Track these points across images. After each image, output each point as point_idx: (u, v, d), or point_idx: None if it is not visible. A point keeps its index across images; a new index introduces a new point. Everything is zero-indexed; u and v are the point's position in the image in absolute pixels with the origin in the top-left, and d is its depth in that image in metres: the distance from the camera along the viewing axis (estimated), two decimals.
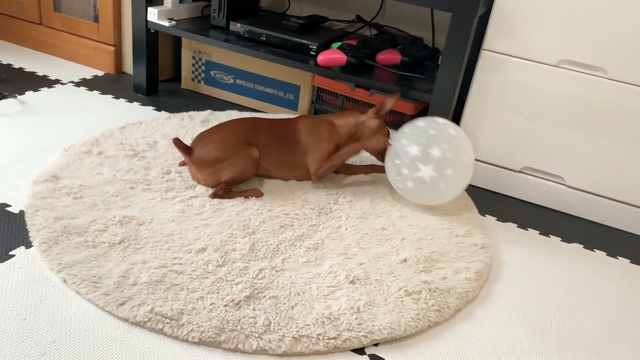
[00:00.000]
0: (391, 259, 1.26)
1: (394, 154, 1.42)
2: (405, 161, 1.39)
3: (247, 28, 1.85)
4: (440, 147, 1.36)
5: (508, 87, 1.58)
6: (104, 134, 1.63)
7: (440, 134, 1.39)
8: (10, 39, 2.35)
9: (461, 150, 1.39)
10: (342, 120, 1.52)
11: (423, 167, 1.36)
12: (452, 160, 1.37)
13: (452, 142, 1.38)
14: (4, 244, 1.16)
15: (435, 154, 1.36)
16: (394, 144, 1.43)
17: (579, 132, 1.55)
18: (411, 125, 1.44)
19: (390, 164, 1.44)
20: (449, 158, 1.36)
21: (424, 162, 1.37)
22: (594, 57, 1.47)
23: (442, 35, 1.99)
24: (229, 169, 1.39)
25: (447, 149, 1.37)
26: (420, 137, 1.39)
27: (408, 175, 1.39)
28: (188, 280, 1.09)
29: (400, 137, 1.43)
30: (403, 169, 1.40)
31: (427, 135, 1.39)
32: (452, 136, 1.39)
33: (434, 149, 1.36)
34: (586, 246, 1.50)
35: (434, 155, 1.36)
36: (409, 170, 1.39)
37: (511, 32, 1.52)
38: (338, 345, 1.01)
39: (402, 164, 1.40)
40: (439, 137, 1.38)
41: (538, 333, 1.14)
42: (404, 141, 1.41)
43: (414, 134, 1.41)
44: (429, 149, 1.36)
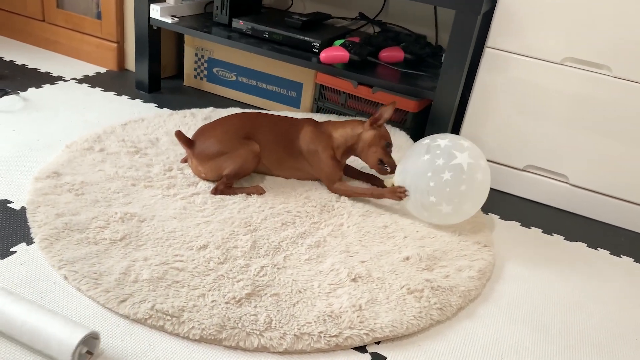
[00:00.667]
0: (393, 256, 1.25)
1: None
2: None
3: (250, 25, 1.85)
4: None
5: (512, 85, 1.57)
6: (106, 130, 1.63)
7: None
8: (13, 36, 2.35)
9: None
10: (339, 132, 1.47)
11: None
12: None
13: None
14: (5, 241, 1.15)
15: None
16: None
17: (583, 131, 1.54)
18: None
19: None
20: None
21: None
22: (598, 55, 1.46)
23: (445, 33, 1.98)
24: (230, 162, 1.39)
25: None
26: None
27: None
28: (189, 277, 1.09)
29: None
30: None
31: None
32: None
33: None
34: (590, 245, 1.50)
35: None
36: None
37: (515, 30, 1.52)
38: (340, 343, 1.00)
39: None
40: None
41: (541, 332, 1.13)
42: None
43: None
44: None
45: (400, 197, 1.38)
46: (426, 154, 1.33)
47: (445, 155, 1.31)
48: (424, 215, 1.38)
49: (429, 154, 1.33)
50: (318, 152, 1.46)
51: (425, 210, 1.35)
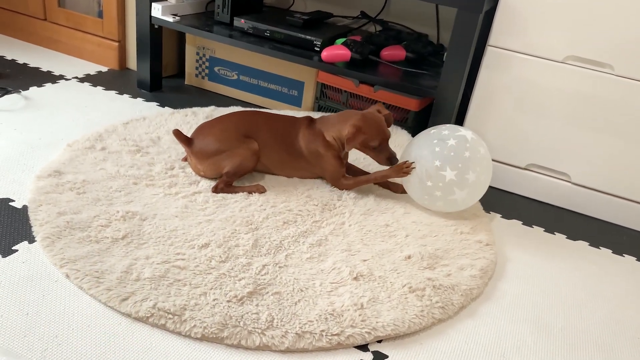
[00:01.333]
0: (395, 255, 1.25)
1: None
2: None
3: (251, 24, 1.85)
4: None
5: (514, 84, 1.57)
6: (108, 129, 1.63)
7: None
8: (14, 35, 2.35)
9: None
10: (330, 135, 1.43)
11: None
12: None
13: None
14: (7, 239, 1.15)
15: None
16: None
17: (585, 129, 1.54)
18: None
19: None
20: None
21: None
22: (601, 53, 1.46)
23: (447, 32, 1.98)
24: (229, 160, 1.39)
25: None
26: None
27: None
28: (191, 275, 1.09)
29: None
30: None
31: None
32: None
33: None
34: (592, 244, 1.49)
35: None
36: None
37: (517, 28, 1.51)
38: (341, 341, 1.00)
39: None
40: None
41: (543, 331, 1.13)
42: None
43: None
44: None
45: (406, 172, 1.39)
46: (433, 130, 1.41)
47: (450, 129, 1.39)
48: (428, 190, 1.36)
49: (435, 129, 1.41)
50: (320, 152, 1.45)
51: (429, 180, 1.35)
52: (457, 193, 1.36)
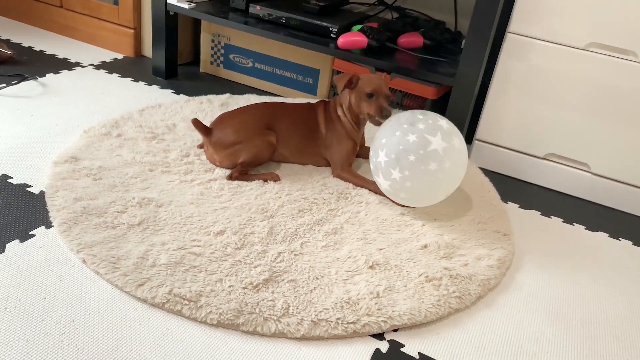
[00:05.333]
0: (411, 244, 1.24)
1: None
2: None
3: (267, 10, 1.83)
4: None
5: (533, 72, 1.54)
6: (124, 116, 1.63)
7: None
8: (31, 22, 2.36)
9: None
10: (340, 111, 1.46)
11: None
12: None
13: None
14: (24, 224, 1.16)
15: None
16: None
17: (606, 118, 1.51)
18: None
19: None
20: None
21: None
22: (624, 40, 1.42)
23: (464, 19, 1.94)
24: (245, 151, 1.39)
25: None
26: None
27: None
28: (207, 262, 1.09)
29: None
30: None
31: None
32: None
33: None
34: (611, 235, 1.47)
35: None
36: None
37: (537, 14, 1.48)
38: (357, 330, 0.99)
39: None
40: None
41: (561, 322, 1.11)
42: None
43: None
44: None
45: (403, 205, 1.38)
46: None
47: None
48: (408, 165, 1.25)
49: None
50: (336, 133, 1.47)
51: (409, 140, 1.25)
52: (444, 161, 1.25)
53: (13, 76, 1.85)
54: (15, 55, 2.00)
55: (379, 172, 1.32)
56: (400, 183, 1.27)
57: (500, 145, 1.67)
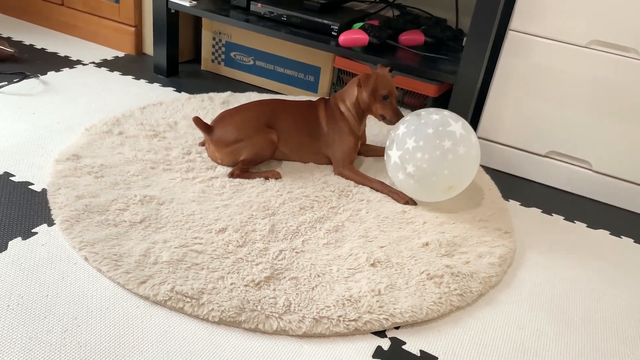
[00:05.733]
0: (412, 242, 1.24)
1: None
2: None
3: (268, 8, 1.83)
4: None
5: (535, 69, 1.54)
6: (125, 114, 1.63)
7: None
8: (32, 20, 2.36)
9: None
10: (344, 106, 1.47)
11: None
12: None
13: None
14: (26, 222, 1.16)
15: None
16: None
17: (608, 116, 1.51)
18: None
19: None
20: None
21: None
22: (625, 38, 1.42)
23: (465, 16, 1.94)
24: (246, 149, 1.39)
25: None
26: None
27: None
28: (208, 260, 1.09)
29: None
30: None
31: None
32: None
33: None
34: (613, 233, 1.47)
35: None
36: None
37: (539, 12, 1.48)
38: (359, 327, 1.00)
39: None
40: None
41: (563, 319, 1.12)
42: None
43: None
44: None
45: (407, 202, 1.39)
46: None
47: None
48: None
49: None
50: (338, 130, 1.47)
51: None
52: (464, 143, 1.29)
53: (15, 74, 1.85)
54: (17, 53, 2.00)
55: (393, 145, 1.33)
56: (412, 153, 1.29)
57: (502, 143, 1.67)
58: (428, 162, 1.28)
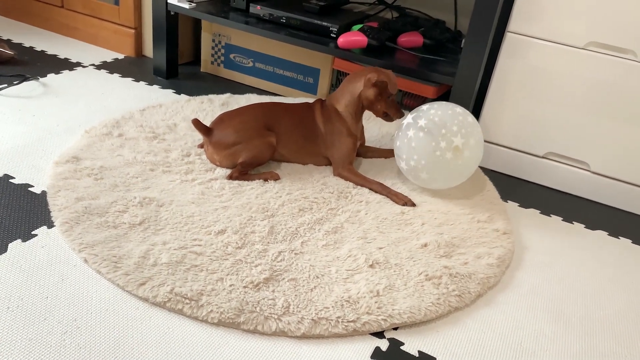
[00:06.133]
0: (411, 243, 1.25)
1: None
2: None
3: (267, 10, 1.83)
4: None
5: (533, 71, 1.54)
6: (124, 116, 1.63)
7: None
8: (32, 22, 2.36)
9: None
10: (342, 104, 1.48)
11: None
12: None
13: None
14: (26, 224, 1.17)
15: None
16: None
17: (606, 117, 1.51)
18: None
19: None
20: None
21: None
22: (623, 39, 1.42)
23: (464, 18, 1.95)
24: (245, 152, 1.39)
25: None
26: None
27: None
28: (208, 261, 1.09)
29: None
30: None
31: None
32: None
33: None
34: (611, 233, 1.47)
35: None
36: None
37: (537, 14, 1.48)
38: (357, 328, 1.00)
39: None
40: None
41: (561, 320, 1.12)
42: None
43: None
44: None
45: (406, 204, 1.39)
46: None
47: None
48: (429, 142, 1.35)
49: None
50: (337, 132, 1.48)
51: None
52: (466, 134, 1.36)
53: (14, 76, 1.85)
54: (17, 56, 2.01)
55: (407, 113, 1.43)
56: (426, 111, 1.38)
57: (500, 144, 1.67)
58: (440, 117, 1.37)
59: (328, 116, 1.49)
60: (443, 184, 1.42)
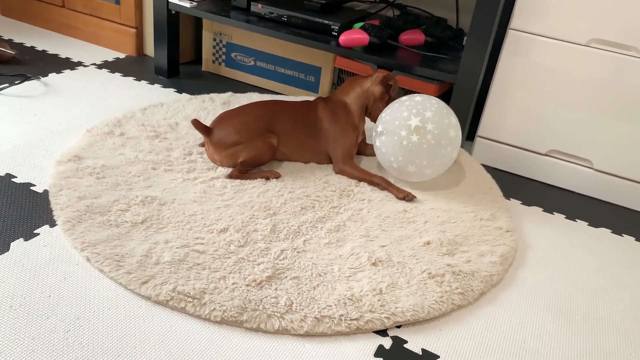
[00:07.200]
0: (414, 241, 1.24)
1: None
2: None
3: (269, 9, 1.83)
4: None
5: (535, 68, 1.54)
6: (126, 115, 1.63)
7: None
8: (33, 22, 2.36)
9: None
10: (351, 97, 1.51)
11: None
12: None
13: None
14: (28, 223, 1.17)
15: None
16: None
17: (609, 114, 1.51)
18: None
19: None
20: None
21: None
22: (626, 36, 1.42)
23: (465, 16, 1.94)
24: (245, 152, 1.39)
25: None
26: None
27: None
28: (210, 260, 1.09)
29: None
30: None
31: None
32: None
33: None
34: (614, 231, 1.47)
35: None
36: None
37: (539, 11, 1.48)
38: (360, 326, 1.00)
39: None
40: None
41: (564, 318, 1.12)
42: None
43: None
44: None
45: (405, 197, 1.40)
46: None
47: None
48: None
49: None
50: (342, 125, 1.49)
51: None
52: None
53: (16, 76, 1.85)
54: (18, 55, 2.01)
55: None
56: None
57: (503, 141, 1.67)
58: (389, 114, 1.42)
59: (334, 109, 1.50)
60: (434, 169, 1.42)
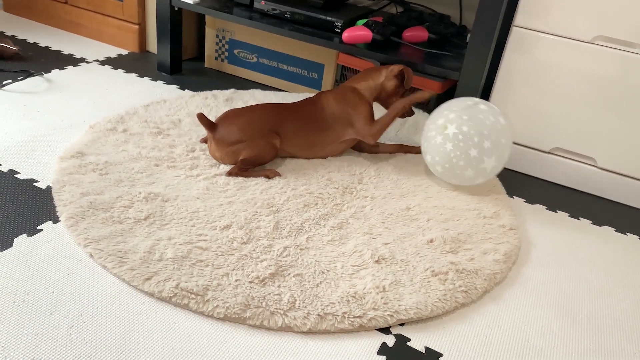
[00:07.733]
0: (417, 239, 1.24)
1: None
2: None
3: (271, 5, 1.83)
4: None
5: (539, 65, 1.53)
6: (129, 111, 1.63)
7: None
8: (36, 18, 2.36)
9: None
10: (363, 85, 1.53)
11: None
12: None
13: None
14: (32, 219, 1.17)
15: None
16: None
17: (613, 112, 1.50)
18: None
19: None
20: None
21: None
22: (631, 33, 1.41)
23: (469, 12, 1.94)
24: (247, 150, 1.39)
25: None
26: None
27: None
28: (213, 256, 1.09)
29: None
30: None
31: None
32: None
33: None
34: (618, 229, 1.46)
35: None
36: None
37: (543, 8, 1.47)
38: (363, 324, 1.00)
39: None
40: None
41: (568, 317, 1.11)
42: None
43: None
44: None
45: (421, 95, 1.48)
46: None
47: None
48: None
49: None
50: (353, 103, 1.50)
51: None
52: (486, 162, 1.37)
53: (19, 72, 1.85)
54: (21, 52, 2.01)
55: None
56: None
57: None
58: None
59: (342, 95, 1.50)
60: (456, 180, 1.43)
